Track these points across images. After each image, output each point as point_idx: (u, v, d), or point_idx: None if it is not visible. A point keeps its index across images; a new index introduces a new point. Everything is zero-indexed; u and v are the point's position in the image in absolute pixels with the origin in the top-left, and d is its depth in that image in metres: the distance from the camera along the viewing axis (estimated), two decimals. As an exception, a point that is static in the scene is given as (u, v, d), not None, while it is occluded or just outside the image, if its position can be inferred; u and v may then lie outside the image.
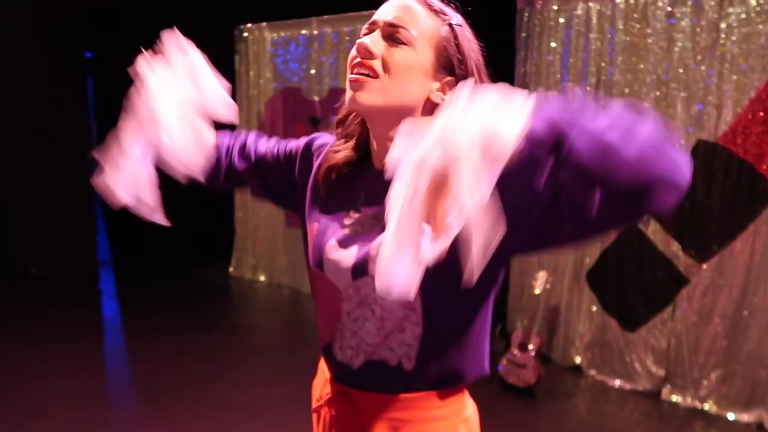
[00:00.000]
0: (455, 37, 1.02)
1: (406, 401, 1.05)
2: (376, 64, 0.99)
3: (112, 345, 4.23)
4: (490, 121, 0.74)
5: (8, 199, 5.60)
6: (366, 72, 1.00)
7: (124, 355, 4.01)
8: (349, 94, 1.02)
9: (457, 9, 1.07)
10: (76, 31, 5.59)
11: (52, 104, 5.48)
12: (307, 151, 1.22)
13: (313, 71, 5.14)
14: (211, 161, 1.26)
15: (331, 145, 1.17)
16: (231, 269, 5.91)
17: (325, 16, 4.98)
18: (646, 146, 0.76)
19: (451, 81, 1.03)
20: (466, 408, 1.11)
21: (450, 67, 1.02)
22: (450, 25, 1.03)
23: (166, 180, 1.22)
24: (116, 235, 6.85)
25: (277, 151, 1.27)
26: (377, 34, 1.01)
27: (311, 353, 1.24)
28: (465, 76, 1.03)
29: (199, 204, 6.43)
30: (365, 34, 1.04)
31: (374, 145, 1.08)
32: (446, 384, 1.07)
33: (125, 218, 6.31)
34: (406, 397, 1.05)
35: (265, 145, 1.30)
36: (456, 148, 0.74)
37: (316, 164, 1.18)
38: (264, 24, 5.41)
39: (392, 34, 1.00)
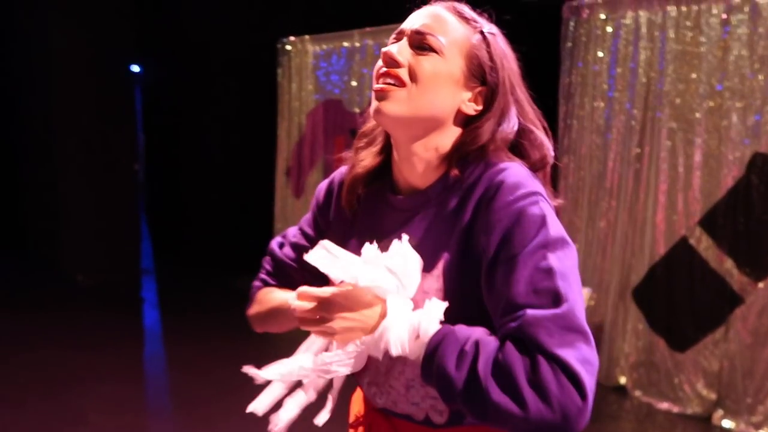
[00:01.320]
0: (487, 45, 0.97)
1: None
2: (403, 73, 0.95)
3: (152, 353, 4.28)
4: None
5: (58, 208, 5.77)
6: (392, 81, 0.95)
7: (164, 363, 4.05)
8: (373, 105, 0.97)
9: (490, 18, 1.02)
10: (125, 45, 5.75)
11: (101, 116, 5.64)
12: (330, 195, 1.15)
13: (354, 83, 5.15)
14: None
15: (341, 176, 1.11)
16: (270, 279, 5.93)
17: (367, 29, 5.00)
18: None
19: (484, 90, 0.98)
20: None
21: (482, 76, 0.97)
22: (482, 32, 0.98)
23: (208, 191, 1.22)
24: (159, 244, 6.99)
25: (312, 225, 1.19)
26: (404, 42, 0.97)
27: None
28: (497, 86, 0.97)
29: (239, 215, 6.51)
30: (392, 44, 0.99)
31: (395, 157, 1.02)
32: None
33: (168, 227, 6.40)
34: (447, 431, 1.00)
35: (302, 232, 1.20)
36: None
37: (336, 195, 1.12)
38: (306, 37, 5.46)
39: (420, 42, 0.96)
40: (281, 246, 1.22)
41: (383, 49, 0.98)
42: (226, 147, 6.44)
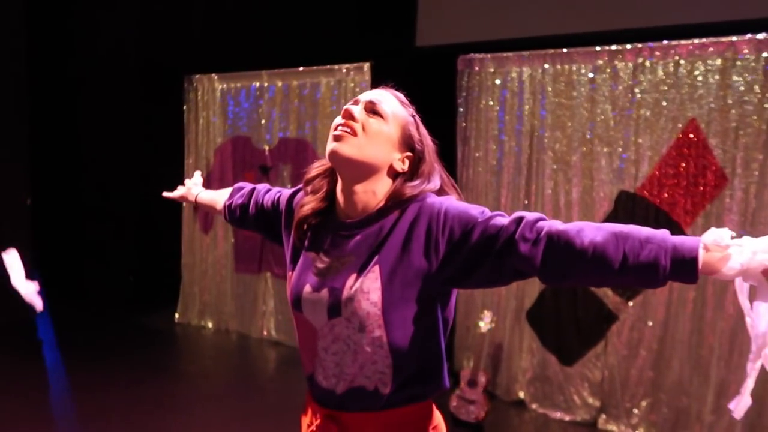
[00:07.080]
0: (416, 124, 1.35)
1: (385, 416, 1.28)
2: (357, 126, 1.29)
3: (58, 398, 4.13)
4: None
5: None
6: (348, 130, 1.29)
7: (71, 408, 3.93)
8: (330, 146, 1.29)
9: (414, 107, 1.39)
10: (17, 86, 5.55)
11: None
12: (290, 207, 1.47)
13: (263, 121, 5.31)
14: (228, 214, 1.70)
15: (300, 201, 1.42)
16: (177, 316, 5.87)
17: (276, 70, 5.18)
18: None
19: (410, 156, 1.33)
20: (434, 418, 1.36)
21: (410, 145, 1.33)
22: (413, 115, 1.36)
23: (115, 227, 1.43)
24: (54, 284, 6.65)
25: (273, 203, 1.55)
26: (360, 106, 1.32)
27: (261, 399, 1.45)
28: (422, 155, 1.33)
29: (145, 250, 6.38)
30: (351, 105, 1.34)
31: (340, 197, 1.34)
32: (415, 400, 1.31)
33: (64, 266, 6.12)
34: (384, 413, 1.28)
35: (270, 198, 1.57)
36: None
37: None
38: (214, 75, 5.55)
39: (372, 108, 1.31)
40: (267, 191, 1.61)
41: (345, 106, 1.32)
42: (129, 181, 6.32)
